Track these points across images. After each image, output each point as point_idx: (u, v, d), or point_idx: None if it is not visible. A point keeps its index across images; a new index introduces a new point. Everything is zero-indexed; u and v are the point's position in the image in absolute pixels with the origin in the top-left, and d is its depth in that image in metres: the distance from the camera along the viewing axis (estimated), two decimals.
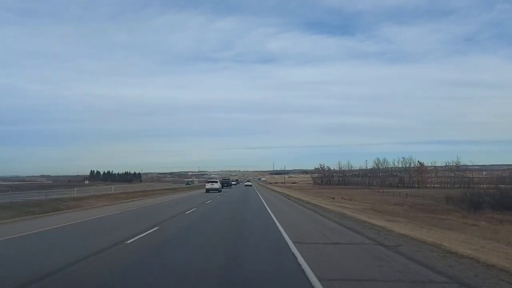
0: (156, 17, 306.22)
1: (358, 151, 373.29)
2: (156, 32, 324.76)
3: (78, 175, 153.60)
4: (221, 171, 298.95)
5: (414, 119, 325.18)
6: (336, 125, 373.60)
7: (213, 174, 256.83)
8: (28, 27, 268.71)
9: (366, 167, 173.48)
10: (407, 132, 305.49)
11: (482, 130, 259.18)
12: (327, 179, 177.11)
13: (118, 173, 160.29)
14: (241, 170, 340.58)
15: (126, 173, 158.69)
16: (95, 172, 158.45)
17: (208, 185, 53.49)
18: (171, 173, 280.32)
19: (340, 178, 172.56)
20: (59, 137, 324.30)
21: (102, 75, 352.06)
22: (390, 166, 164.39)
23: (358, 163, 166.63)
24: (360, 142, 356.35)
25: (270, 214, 18.95)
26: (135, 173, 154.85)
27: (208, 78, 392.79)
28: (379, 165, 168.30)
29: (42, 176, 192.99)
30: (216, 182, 57.45)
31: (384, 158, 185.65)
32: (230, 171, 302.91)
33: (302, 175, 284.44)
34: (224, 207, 24.44)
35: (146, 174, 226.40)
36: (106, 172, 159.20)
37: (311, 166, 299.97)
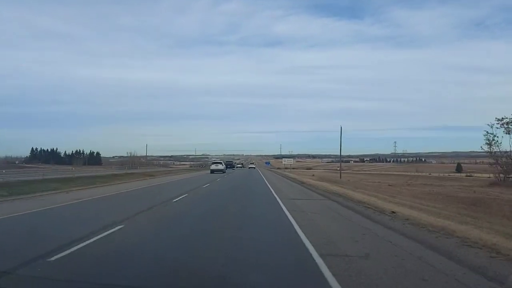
0: None
1: (363, 137, 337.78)
2: (161, 15, 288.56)
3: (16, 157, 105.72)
4: (224, 154, 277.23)
5: (421, 105, 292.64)
6: (343, 110, 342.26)
7: (214, 158, 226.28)
8: (33, 7, 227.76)
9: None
10: (414, 117, 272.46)
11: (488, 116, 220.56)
12: None
13: (66, 152, 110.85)
14: (244, 154, 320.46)
15: (78, 152, 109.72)
16: (38, 150, 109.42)
17: (213, 166, 53.53)
18: (171, 156, 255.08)
19: None
20: (59, 119, 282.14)
21: (106, 57, 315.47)
22: None
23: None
24: (366, 127, 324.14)
25: None
26: (92, 153, 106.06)
27: (213, 62, 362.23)
28: None
29: None
30: (221, 163, 56.93)
31: None
32: (233, 155, 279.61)
33: (309, 160, 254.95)
34: None
35: (145, 156, 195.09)
36: (50, 150, 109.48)
37: (316, 151, 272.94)
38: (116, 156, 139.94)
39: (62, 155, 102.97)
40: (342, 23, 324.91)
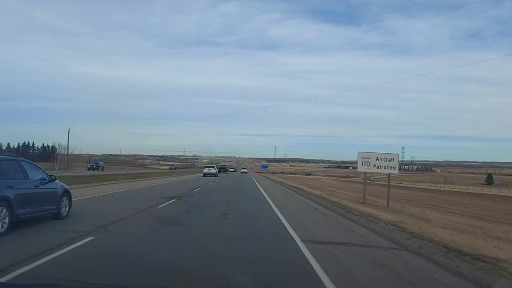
0: None
1: (354, 143, 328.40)
2: (159, 14, 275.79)
3: None
4: (215, 156, 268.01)
5: (414, 113, 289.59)
6: (336, 116, 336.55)
7: (205, 160, 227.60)
8: (29, 1, 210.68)
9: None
10: (406, 126, 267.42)
11: (479, 127, 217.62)
12: None
13: (10, 145, 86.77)
14: (236, 157, 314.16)
15: (26, 145, 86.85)
16: None
17: (206, 170, 51.97)
18: (161, 156, 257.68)
19: None
20: (50, 115, 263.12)
21: (101, 54, 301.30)
22: None
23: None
24: (359, 134, 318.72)
25: None
26: (46, 146, 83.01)
27: (209, 63, 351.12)
28: None
29: None
30: (213, 167, 55.41)
31: None
32: (224, 157, 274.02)
33: (303, 164, 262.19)
34: None
35: (134, 155, 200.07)
36: None
37: (309, 156, 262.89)
38: (94, 155, 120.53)
39: (3, 148, 78.94)
40: (339, 29, 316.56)
